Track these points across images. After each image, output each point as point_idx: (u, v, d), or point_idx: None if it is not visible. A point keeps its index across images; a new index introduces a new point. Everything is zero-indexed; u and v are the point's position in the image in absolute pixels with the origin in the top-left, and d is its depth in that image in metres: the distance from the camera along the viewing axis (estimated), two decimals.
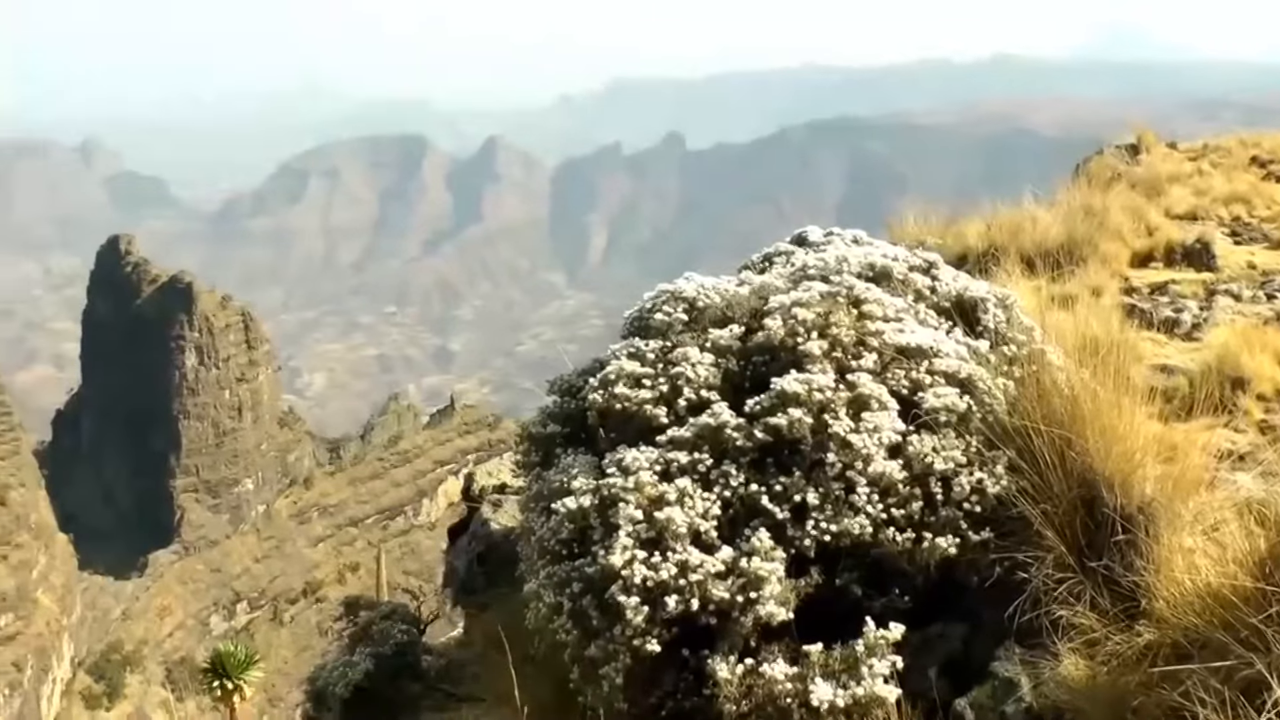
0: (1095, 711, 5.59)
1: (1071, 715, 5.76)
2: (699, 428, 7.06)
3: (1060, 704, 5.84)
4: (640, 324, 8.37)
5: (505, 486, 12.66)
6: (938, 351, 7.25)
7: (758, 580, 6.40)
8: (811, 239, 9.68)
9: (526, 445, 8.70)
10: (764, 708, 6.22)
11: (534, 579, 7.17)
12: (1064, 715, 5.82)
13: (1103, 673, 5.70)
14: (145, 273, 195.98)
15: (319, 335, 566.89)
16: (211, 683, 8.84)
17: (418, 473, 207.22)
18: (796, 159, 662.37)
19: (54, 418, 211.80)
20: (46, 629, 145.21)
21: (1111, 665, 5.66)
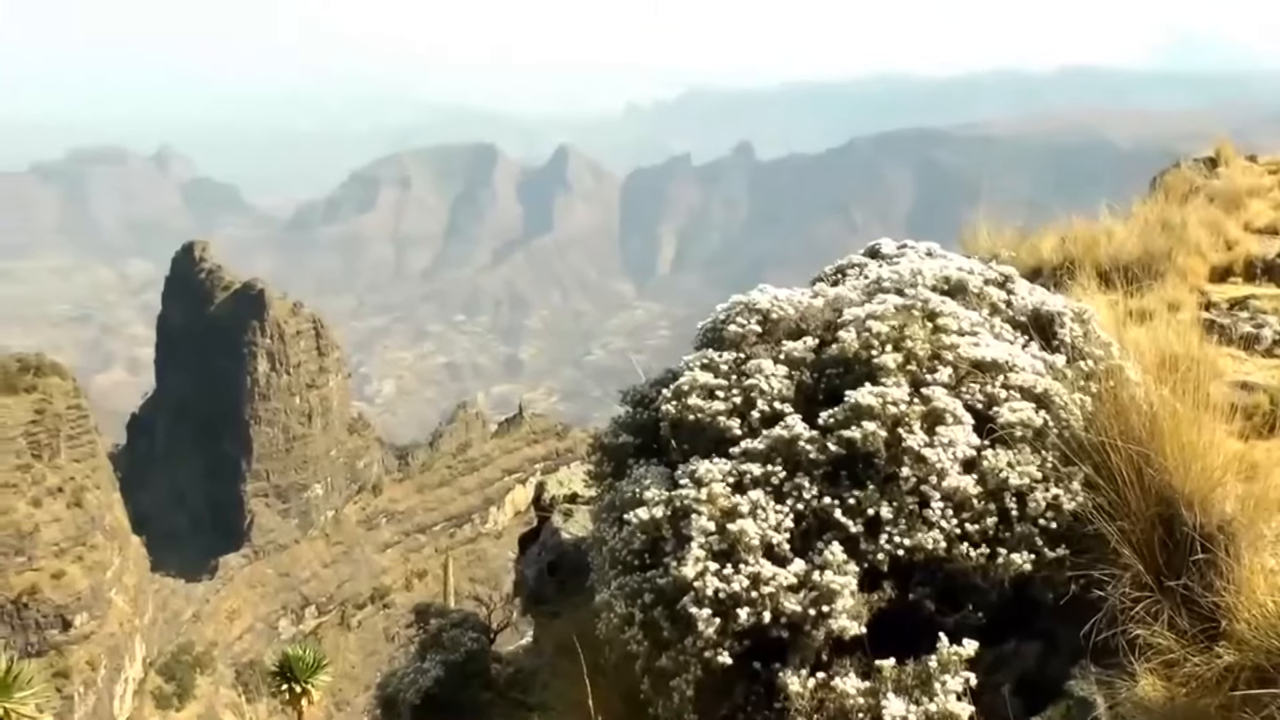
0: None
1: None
2: (772, 440, 7.03)
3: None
4: (713, 335, 8.35)
5: (576, 496, 12.66)
6: (1013, 366, 7.19)
7: (830, 593, 6.37)
8: (885, 251, 9.64)
9: (599, 455, 8.70)
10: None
11: (605, 589, 7.16)
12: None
13: (1181, 694, 5.62)
14: (219, 279, 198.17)
15: (389, 342, 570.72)
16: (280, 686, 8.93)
17: (485, 481, 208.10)
18: (867, 170, 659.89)
19: (129, 421, 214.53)
20: (120, 629, 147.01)
21: (1190, 687, 5.59)
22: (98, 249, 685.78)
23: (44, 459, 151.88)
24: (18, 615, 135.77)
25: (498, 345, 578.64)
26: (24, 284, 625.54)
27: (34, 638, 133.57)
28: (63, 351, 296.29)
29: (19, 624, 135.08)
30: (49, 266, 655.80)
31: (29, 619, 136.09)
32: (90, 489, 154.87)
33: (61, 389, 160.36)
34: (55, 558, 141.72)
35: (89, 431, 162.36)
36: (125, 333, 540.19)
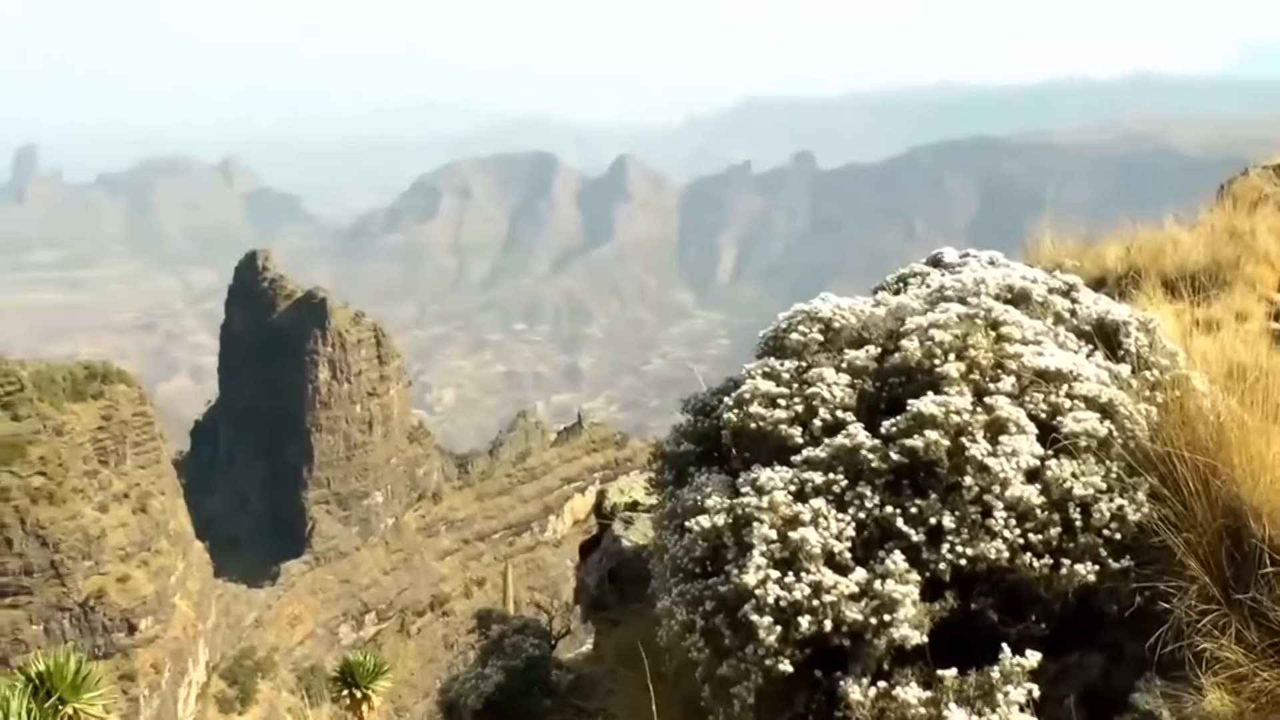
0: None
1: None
2: (834, 448, 7.02)
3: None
4: (775, 343, 8.35)
5: (637, 504, 12.68)
6: (1077, 375, 7.14)
7: (892, 603, 6.35)
8: (947, 260, 9.60)
9: (660, 463, 8.72)
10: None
11: (666, 596, 7.17)
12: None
13: (1250, 710, 5.56)
14: (281, 288, 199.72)
15: (449, 351, 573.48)
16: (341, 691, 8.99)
17: (545, 489, 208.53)
18: (928, 179, 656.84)
19: (192, 428, 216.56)
20: (183, 633, 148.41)
21: (1260, 703, 5.52)
22: (163, 258, 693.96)
23: (110, 465, 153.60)
24: (85, 618, 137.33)
25: (557, 354, 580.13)
26: (91, 293, 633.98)
27: (101, 640, 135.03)
28: (129, 359, 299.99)
29: (86, 627, 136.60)
30: (115, 275, 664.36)
31: (96, 622, 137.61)
32: (155, 495, 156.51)
33: (128, 396, 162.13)
34: (121, 562, 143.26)
35: (154, 438, 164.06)
36: (189, 341, 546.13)
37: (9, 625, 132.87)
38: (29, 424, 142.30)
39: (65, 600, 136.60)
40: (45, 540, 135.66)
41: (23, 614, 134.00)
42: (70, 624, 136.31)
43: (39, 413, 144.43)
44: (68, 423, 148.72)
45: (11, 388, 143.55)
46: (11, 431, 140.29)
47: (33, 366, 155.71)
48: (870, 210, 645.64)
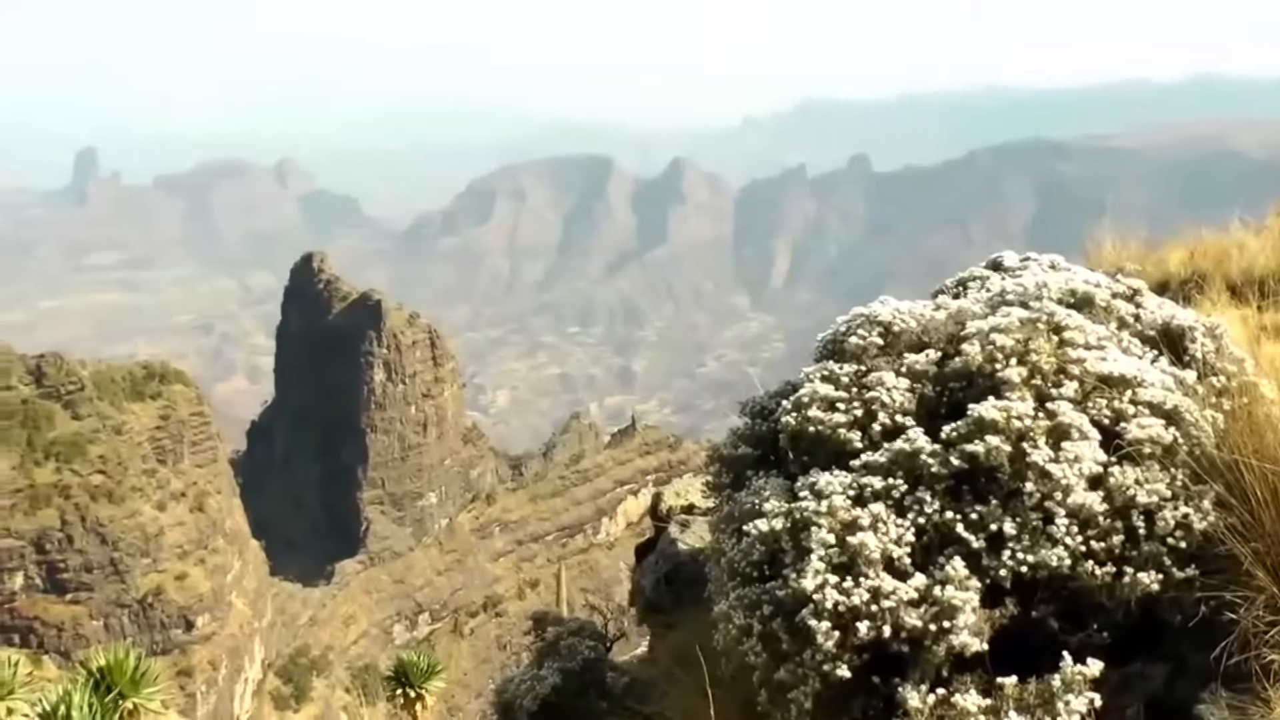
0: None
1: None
2: (894, 453, 6.97)
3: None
4: (834, 347, 8.30)
5: (693, 507, 12.65)
6: (1142, 381, 7.05)
7: (951, 609, 6.29)
8: (1007, 264, 9.52)
9: (717, 467, 8.68)
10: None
11: (723, 600, 7.14)
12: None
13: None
14: (336, 289, 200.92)
15: (503, 353, 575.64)
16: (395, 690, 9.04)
17: (598, 491, 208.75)
18: (985, 182, 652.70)
19: (249, 428, 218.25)
20: (239, 631, 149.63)
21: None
22: (220, 260, 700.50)
23: (168, 464, 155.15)
24: (144, 615, 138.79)
25: (611, 357, 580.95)
26: (150, 294, 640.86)
27: (159, 637, 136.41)
28: (186, 359, 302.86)
29: (145, 623, 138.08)
30: (173, 277, 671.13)
31: (154, 618, 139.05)
32: (212, 494, 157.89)
33: (185, 396, 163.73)
34: (179, 560, 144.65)
35: (211, 438, 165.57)
36: (246, 342, 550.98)
37: (70, 620, 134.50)
38: (89, 423, 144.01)
39: (124, 597, 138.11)
40: (105, 537, 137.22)
41: (83, 610, 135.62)
42: (129, 620, 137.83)
43: (99, 412, 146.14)
44: (127, 422, 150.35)
45: (73, 387, 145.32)
46: (72, 430, 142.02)
47: (93, 366, 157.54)
48: (926, 214, 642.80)
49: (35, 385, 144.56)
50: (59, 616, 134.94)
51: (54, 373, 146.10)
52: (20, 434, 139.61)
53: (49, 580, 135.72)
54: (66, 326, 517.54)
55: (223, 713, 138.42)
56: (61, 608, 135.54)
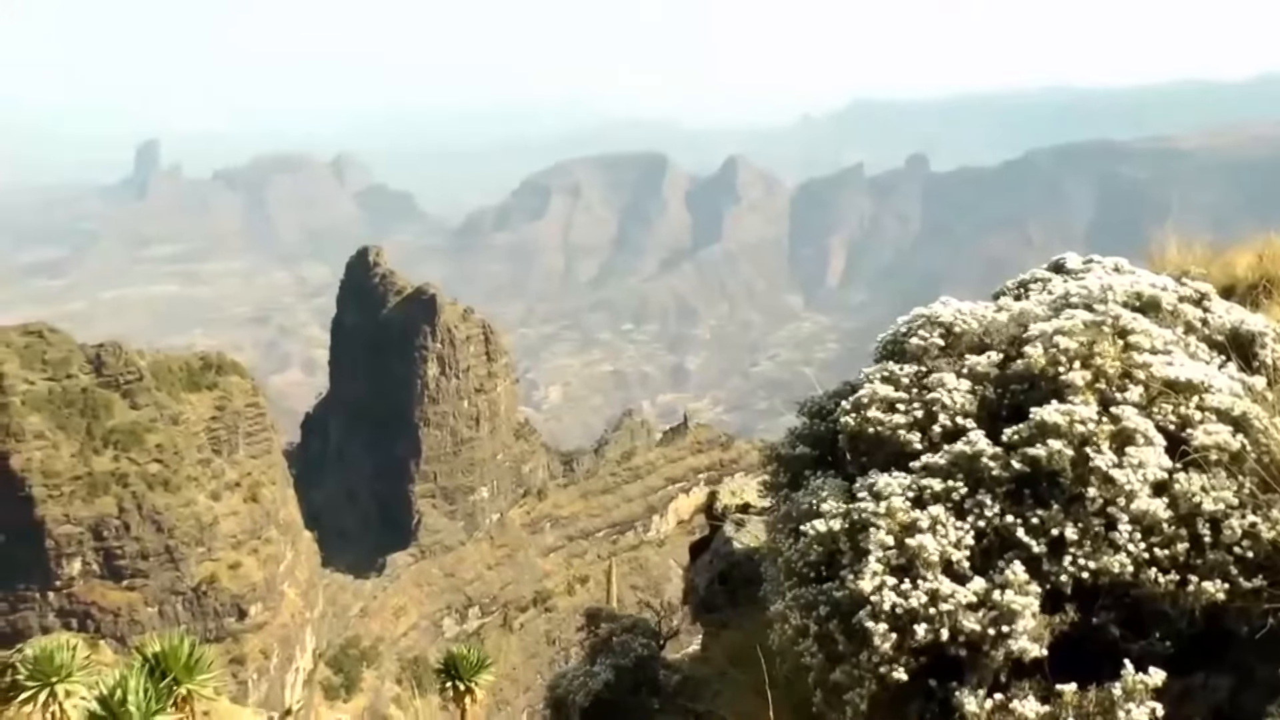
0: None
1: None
2: (954, 455, 6.91)
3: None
4: (894, 347, 8.24)
5: (749, 506, 12.61)
6: (1209, 386, 6.95)
7: (1010, 614, 6.23)
8: (1070, 266, 9.44)
9: (774, 466, 8.64)
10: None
11: (779, 600, 7.10)
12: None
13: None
14: (391, 284, 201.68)
15: (557, 350, 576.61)
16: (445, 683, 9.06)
17: (649, 489, 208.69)
18: (1044, 183, 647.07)
19: (303, 420, 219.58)
20: (291, 621, 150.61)
21: None
22: (277, 253, 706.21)
23: (223, 454, 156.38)
24: (198, 602, 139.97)
25: (664, 355, 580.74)
26: (207, 286, 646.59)
27: (212, 624, 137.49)
28: (242, 351, 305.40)
29: (199, 610, 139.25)
30: (231, 270, 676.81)
31: (208, 606, 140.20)
32: (266, 485, 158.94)
33: (241, 387, 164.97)
34: (232, 549, 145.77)
35: (266, 429, 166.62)
36: (302, 334, 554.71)
37: (126, 606, 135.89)
38: (147, 412, 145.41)
39: (179, 584, 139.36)
40: (161, 525, 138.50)
41: (139, 596, 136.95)
42: (183, 607, 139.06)
43: (157, 402, 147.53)
44: (184, 412, 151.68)
45: (131, 377, 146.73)
46: (131, 419, 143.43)
47: (151, 357, 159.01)
48: (984, 215, 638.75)
49: (95, 374, 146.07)
50: (115, 602, 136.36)
51: (113, 362, 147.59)
52: (80, 422, 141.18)
53: (106, 566, 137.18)
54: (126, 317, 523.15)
55: (274, 701, 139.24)
56: (118, 594, 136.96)
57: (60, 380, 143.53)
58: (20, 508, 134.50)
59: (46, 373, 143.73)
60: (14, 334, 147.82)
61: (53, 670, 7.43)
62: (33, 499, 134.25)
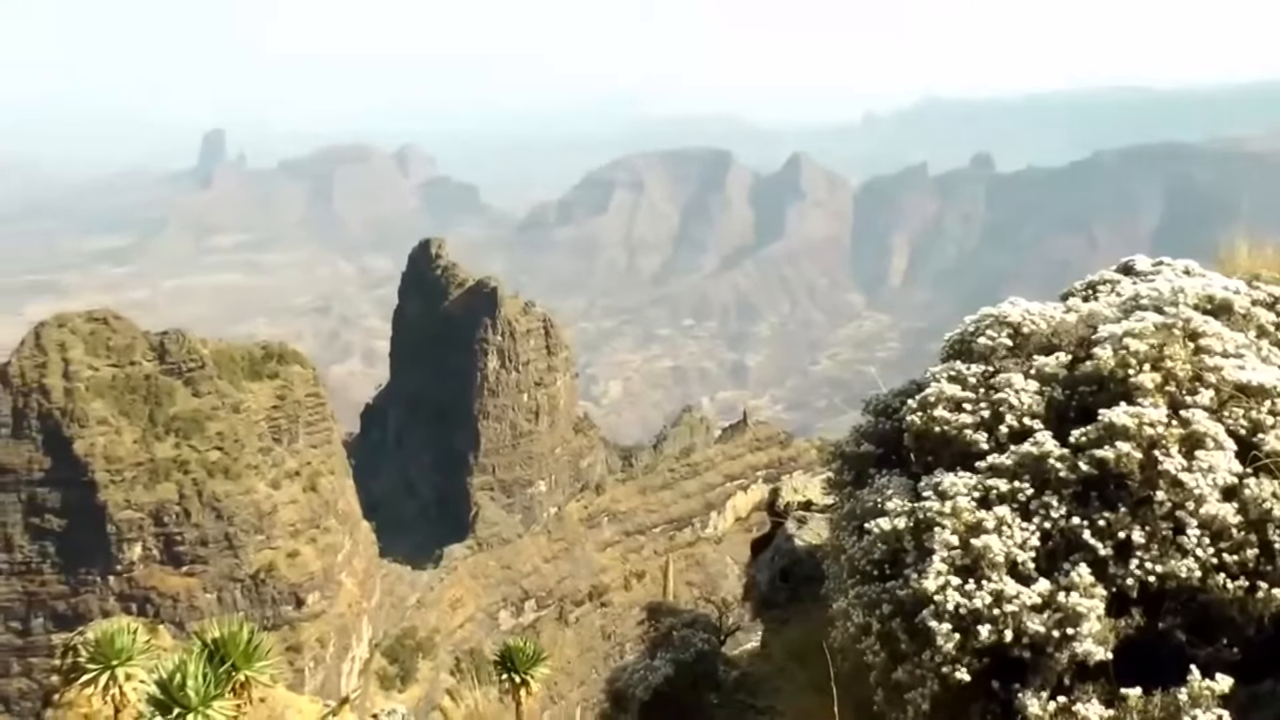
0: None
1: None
2: (1020, 456, 6.88)
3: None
4: (961, 347, 8.21)
5: (811, 503, 12.58)
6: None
7: (1076, 616, 6.20)
8: (1139, 268, 9.36)
9: (839, 463, 8.63)
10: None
11: (842, 598, 7.10)
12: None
13: None
14: (453, 276, 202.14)
15: (617, 344, 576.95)
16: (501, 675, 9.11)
17: (707, 486, 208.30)
18: (1111, 185, 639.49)
19: (363, 410, 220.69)
20: (348, 610, 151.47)
21: None
22: (339, 244, 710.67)
23: (283, 443, 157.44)
24: (256, 590, 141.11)
25: (725, 351, 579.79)
26: (270, 275, 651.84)
27: (269, 612, 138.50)
28: (303, 341, 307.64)
29: (256, 598, 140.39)
30: (294, 260, 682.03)
31: (266, 594, 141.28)
32: (325, 474, 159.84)
33: (302, 377, 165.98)
34: (291, 538, 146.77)
35: (326, 419, 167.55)
36: (363, 325, 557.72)
37: (185, 592, 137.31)
38: (208, 400, 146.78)
39: (237, 571, 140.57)
40: (220, 513, 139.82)
41: (198, 582, 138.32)
42: (241, 594, 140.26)
43: (218, 390, 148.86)
44: (245, 400, 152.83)
45: (194, 365, 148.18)
46: (192, 407, 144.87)
47: (214, 345, 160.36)
48: (1049, 216, 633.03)
49: (158, 362, 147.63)
50: (174, 588, 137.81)
51: (176, 350, 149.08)
52: (143, 409, 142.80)
53: (166, 552, 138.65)
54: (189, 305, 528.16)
55: (330, 689, 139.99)
56: (177, 579, 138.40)
57: (124, 367, 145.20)
58: (83, 493, 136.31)
59: (110, 359, 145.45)
60: (79, 320, 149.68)
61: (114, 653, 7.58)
62: (95, 484, 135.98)
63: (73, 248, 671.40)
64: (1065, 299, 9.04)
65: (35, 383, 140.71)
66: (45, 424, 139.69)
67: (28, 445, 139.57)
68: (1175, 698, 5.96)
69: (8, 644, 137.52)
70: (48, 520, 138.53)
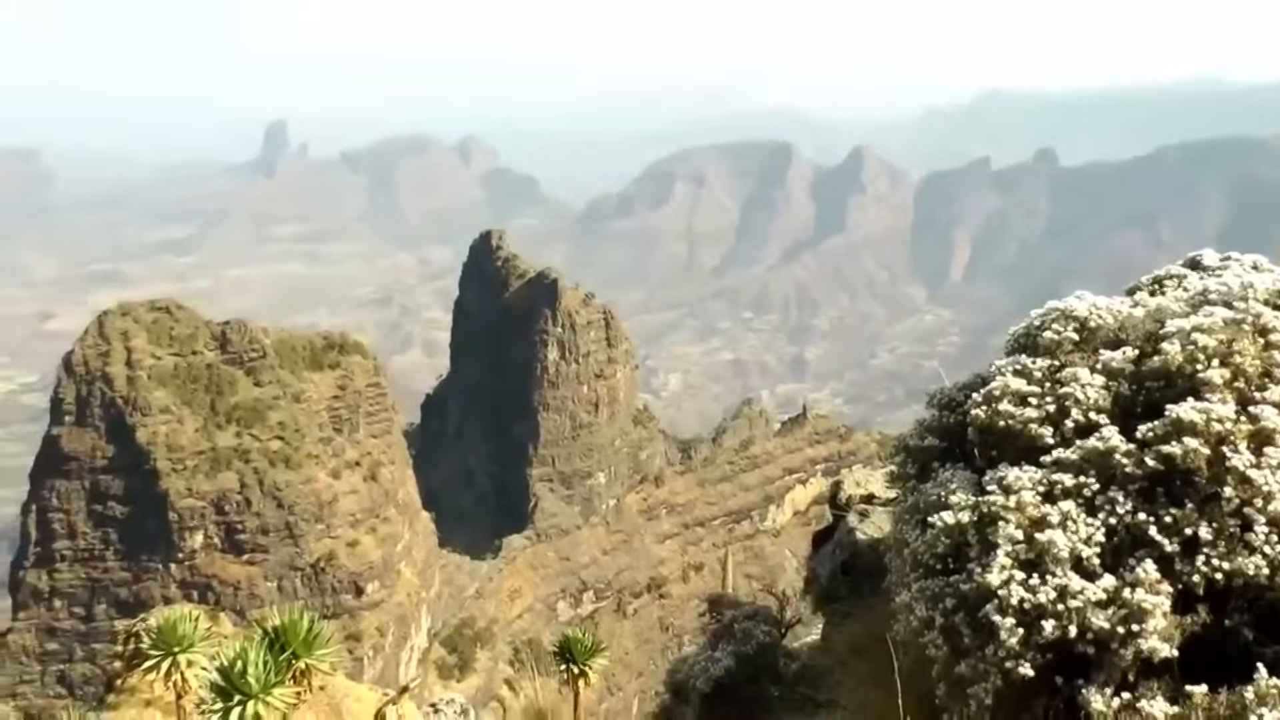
0: None
1: None
2: (1086, 451, 6.84)
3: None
4: (1026, 341, 8.17)
5: (873, 497, 12.55)
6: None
7: (1141, 612, 6.17)
8: (1206, 263, 9.28)
9: (902, 457, 8.61)
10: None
11: (904, 591, 7.09)
12: None
13: None
14: (513, 267, 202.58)
15: (677, 337, 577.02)
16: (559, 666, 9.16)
17: (766, 479, 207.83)
18: (1176, 180, 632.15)
19: (423, 401, 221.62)
20: (407, 599, 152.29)
21: None
22: (400, 234, 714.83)
23: (344, 433, 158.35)
24: (316, 579, 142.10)
25: (784, 344, 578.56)
26: (331, 266, 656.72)
27: (329, 601, 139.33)
28: (364, 331, 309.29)
29: (316, 586, 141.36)
30: (355, 250, 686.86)
31: (325, 583, 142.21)
32: (385, 464, 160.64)
33: (363, 367, 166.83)
34: (351, 527, 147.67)
35: (386, 409, 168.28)
36: (423, 316, 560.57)
37: (245, 580, 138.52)
38: (270, 390, 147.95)
39: (298, 560, 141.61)
40: (281, 502, 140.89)
41: (258, 570, 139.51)
42: (301, 583, 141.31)
43: (279, 379, 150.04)
44: (306, 390, 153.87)
45: (255, 354, 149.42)
46: (254, 396, 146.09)
47: (275, 335, 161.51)
48: (1113, 211, 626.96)
49: (220, 351, 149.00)
50: (235, 576, 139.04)
51: (238, 340, 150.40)
52: (204, 398, 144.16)
53: (227, 540, 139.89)
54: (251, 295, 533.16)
55: (389, 678, 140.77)
56: (238, 567, 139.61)
57: (186, 356, 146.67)
58: (145, 480, 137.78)
59: (173, 348, 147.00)
60: (142, 310, 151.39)
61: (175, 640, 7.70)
62: (157, 472, 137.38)
63: (137, 238, 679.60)
64: (1131, 294, 8.97)
65: (99, 371, 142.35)
66: (108, 412, 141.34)
67: (91, 433, 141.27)
68: (1241, 696, 5.92)
69: (72, 629, 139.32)
70: (110, 508, 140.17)
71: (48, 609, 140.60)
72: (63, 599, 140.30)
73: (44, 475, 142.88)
